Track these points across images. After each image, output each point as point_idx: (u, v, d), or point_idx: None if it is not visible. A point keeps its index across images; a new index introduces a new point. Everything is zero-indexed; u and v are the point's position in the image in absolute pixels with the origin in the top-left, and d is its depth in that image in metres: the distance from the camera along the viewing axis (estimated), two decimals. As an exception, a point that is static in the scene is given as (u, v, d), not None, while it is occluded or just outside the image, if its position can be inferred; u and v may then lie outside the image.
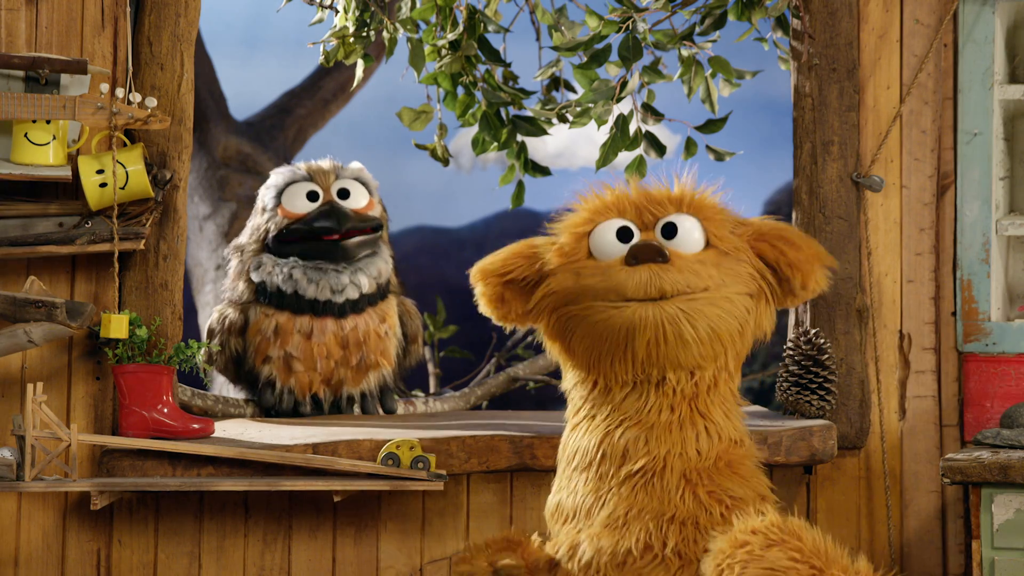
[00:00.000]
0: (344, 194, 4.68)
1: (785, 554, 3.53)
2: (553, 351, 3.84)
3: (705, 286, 3.63)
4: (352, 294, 4.59)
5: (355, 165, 4.78)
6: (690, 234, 3.70)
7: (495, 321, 3.88)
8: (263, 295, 4.62)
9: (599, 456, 3.71)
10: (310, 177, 4.69)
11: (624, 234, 3.71)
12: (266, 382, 4.65)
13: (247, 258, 4.68)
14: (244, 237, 4.73)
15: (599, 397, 3.76)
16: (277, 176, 4.72)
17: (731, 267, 3.69)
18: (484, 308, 3.87)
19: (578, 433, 3.79)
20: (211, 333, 4.68)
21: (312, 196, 4.67)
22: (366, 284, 4.61)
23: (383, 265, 4.68)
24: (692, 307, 3.61)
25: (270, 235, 4.65)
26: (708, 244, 3.71)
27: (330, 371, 4.63)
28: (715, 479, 3.70)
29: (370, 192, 4.73)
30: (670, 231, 3.70)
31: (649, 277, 3.61)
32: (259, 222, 4.69)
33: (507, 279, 3.83)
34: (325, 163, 4.75)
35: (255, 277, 4.63)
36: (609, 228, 3.73)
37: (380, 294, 4.67)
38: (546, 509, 3.86)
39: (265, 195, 4.70)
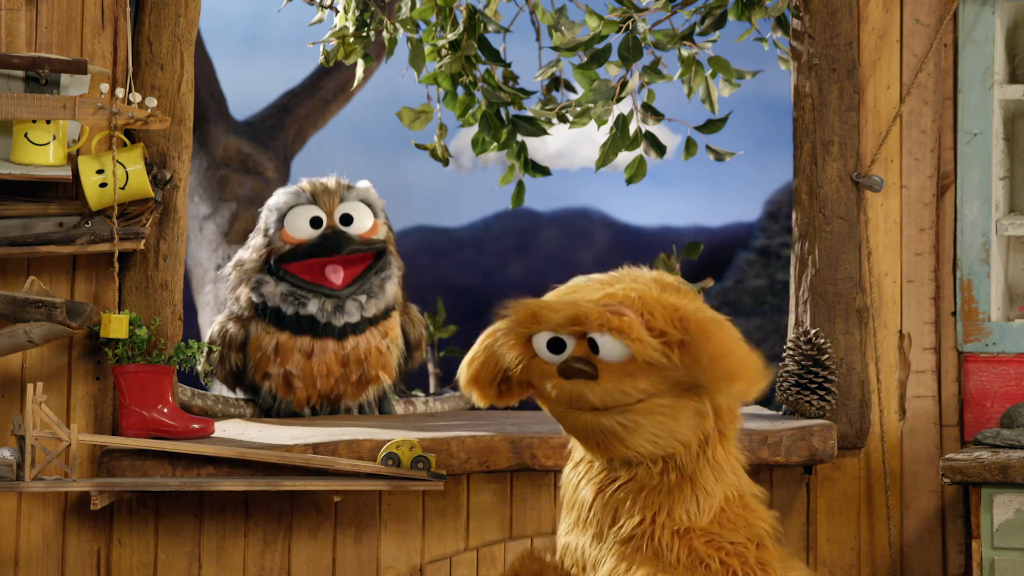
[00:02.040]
0: (347, 220, 4.65)
1: None
2: None
3: (637, 397, 3.57)
4: (353, 318, 4.57)
5: (362, 185, 4.73)
6: (613, 350, 3.61)
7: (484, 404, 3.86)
8: (263, 312, 4.61)
9: (594, 512, 3.71)
10: (314, 199, 4.65)
11: (556, 345, 3.66)
12: (266, 395, 4.66)
13: (246, 275, 4.66)
14: (245, 253, 4.70)
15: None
16: (280, 197, 4.68)
17: (662, 375, 3.58)
18: (480, 403, 3.83)
19: (578, 474, 3.77)
20: (211, 343, 4.68)
21: (315, 222, 4.64)
22: (371, 308, 4.60)
23: (391, 287, 4.66)
24: (628, 419, 3.56)
25: (272, 257, 4.63)
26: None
27: (330, 388, 4.63)
28: (711, 529, 3.67)
29: (375, 213, 4.69)
30: (594, 346, 3.62)
31: (577, 394, 3.58)
32: (260, 242, 4.66)
33: (488, 379, 3.77)
34: (331, 182, 4.69)
35: (254, 296, 4.61)
36: (541, 340, 3.68)
37: (384, 314, 4.66)
38: (557, 542, 3.84)
39: (268, 217, 4.66)
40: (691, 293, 3.68)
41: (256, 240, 4.68)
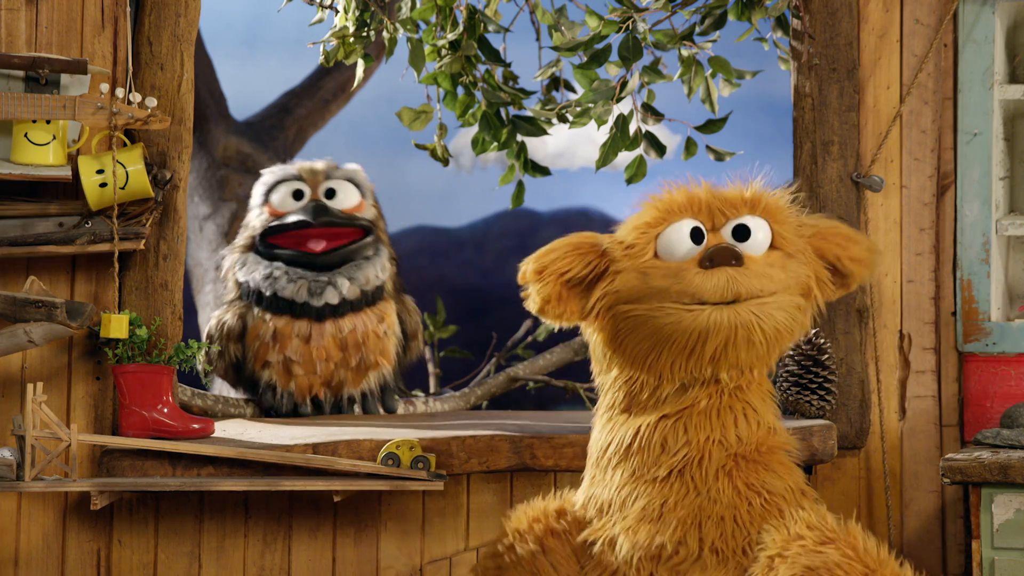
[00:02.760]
0: (331, 194, 4.68)
1: (840, 552, 3.53)
2: (598, 345, 3.77)
3: (775, 290, 3.64)
4: (332, 299, 4.57)
5: (351, 166, 4.78)
6: (760, 237, 3.69)
7: (548, 320, 3.77)
8: (247, 295, 4.63)
9: (636, 447, 3.69)
10: (300, 176, 4.70)
11: (696, 235, 3.69)
12: (266, 386, 4.65)
13: (235, 256, 4.69)
14: (238, 236, 4.75)
15: (641, 392, 3.73)
16: (268, 175, 4.75)
17: (795, 269, 3.70)
18: (537, 307, 3.74)
19: (613, 424, 3.75)
20: (210, 339, 4.68)
21: (298, 195, 4.68)
22: (347, 289, 4.60)
23: (374, 271, 4.65)
24: (763, 311, 3.62)
25: (257, 232, 4.67)
26: (773, 245, 3.71)
27: (330, 373, 4.63)
28: (753, 471, 3.69)
29: (363, 194, 4.72)
30: (742, 233, 3.69)
31: (727, 281, 3.60)
32: (249, 219, 4.73)
33: (566, 277, 3.76)
34: (319, 163, 4.75)
35: (240, 276, 4.64)
36: (681, 228, 3.69)
37: (370, 298, 4.65)
38: (577, 502, 3.83)
39: (255, 192, 4.73)
40: None
41: (247, 219, 4.73)
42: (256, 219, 4.70)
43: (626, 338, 3.69)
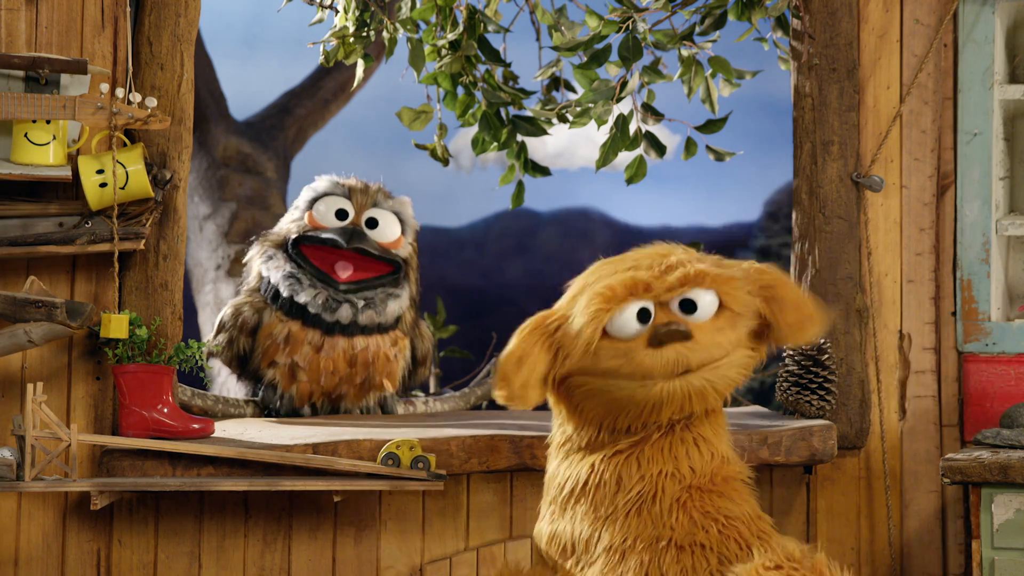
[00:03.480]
0: (373, 223, 4.66)
1: None
2: (555, 407, 3.84)
3: (725, 353, 3.67)
4: (344, 318, 4.56)
5: (402, 199, 4.74)
6: (709, 308, 3.70)
7: (514, 405, 3.80)
8: (265, 290, 4.61)
9: (592, 486, 3.72)
10: (348, 194, 4.67)
11: (643, 315, 3.70)
12: (268, 384, 4.65)
13: (265, 247, 4.67)
14: (274, 229, 4.73)
15: (596, 436, 3.78)
16: (319, 182, 4.71)
17: (743, 325, 3.72)
18: (505, 400, 3.78)
19: (569, 460, 3.79)
20: (222, 327, 4.66)
21: (341, 214, 4.65)
22: (365, 318, 4.59)
23: (394, 307, 4.63)
24: (716, 375, 3.66)
25: (291, 235, 4.65)
26: (721, 306, 3.71)
27: (333, 386, 4.63)
28: (708, 500, 3.70)
29: (404, 230, 4.69)
30: (689, 306, 3.70)
31: (676, 358, 3.63)
32: (287, 218, 4.70)
33: (537, 376, 3.77)
34: (372, 185, 4.71)
35: (263, 270, 4.63)
36: (628, 312, 3.70)
37: (384, 328, 4.64)
38: (536, 537, 3.85)
39: (303, 196, 4.71)
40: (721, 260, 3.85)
41: (289, 214, 4.71)
42: (295, 222, 4.67)
43: (582, 403, 3.76)
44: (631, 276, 3.70)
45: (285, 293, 4.57)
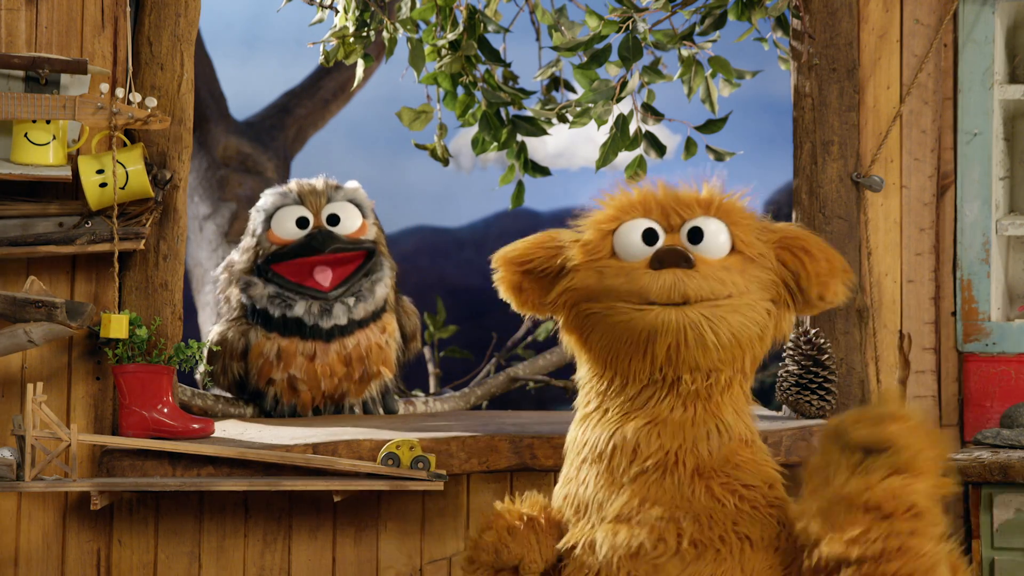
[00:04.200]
0: (334, 220, 4.65)
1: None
2: (569, 343, 3.81)
3: (729, 293, 3.61)
4: (341, 319, 4.57)
5: (350, 185, 4.73)
6: (716, 238, 3.67)
7: (514, 308, 3.84)
8: (252, 315, 4.61)
9: (610, 449, 3.70)
10: (300, 200, 4.65)
11: (649, 236, 3.68)
12: (271, 400, 4.66)
13: (235, 276, 4.67)
14: (235, 255, 4.71)
15: (612, 392, 3.74)
16: (267, 198, 4.68)
17: (755, 274, 3.67)
18: (503, 294, 3.83)
19: (588, 425, 3.77)
20: (212, 358, 4.67)
21: (302, 222, 4.64)
22: (360, 311, 4.59)
23: (382, 290, 4.65)
24: (715, 313, 3.59)
25: (259, 259, 4.63)
26: (734, 249, 3.69)
27: (334, 387, 4.64)
28: (726, 475, 3.68)
29: (364, 214, 4.69)
30: (696, 235, 3.67)
31: (673, 282, 3.59)
32: (249, 243, 4.67)
33: (526, 268, 3.78)
34: (318, 183, 4.69)
35: (244, 298, 4.62)
36: (634, 228, 3.69)
37: (376, 314, 4.65)
38: (553, 500, 3.84)
39: (256, 218, 4.67)
40: None
41: (245, 242, 4.69)
42: (259, 246, 4.65)
43: (588, 336, 3.72)
44: (642, 192, 3.72)
45: (277, 313, 4.57)
